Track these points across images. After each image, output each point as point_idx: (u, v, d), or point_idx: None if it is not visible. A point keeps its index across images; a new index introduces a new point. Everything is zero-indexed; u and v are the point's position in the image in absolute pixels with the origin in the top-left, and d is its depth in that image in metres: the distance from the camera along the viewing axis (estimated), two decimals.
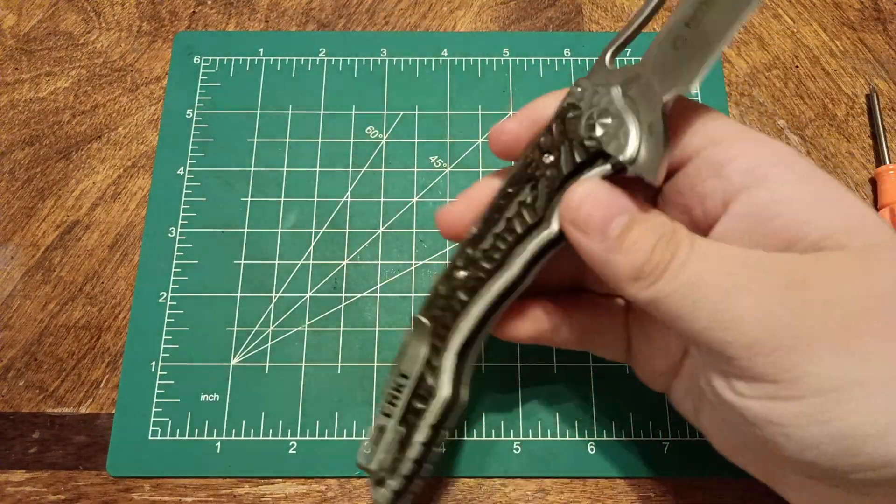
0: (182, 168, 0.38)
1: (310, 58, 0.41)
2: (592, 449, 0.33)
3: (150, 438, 0.33)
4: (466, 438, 0.33)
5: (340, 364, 0.34)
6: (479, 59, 0.41)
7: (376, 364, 0.34)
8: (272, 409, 0.34)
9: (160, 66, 0.41)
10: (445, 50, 0.41)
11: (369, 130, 0.39)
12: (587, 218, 0.22)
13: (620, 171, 0.23)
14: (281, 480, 0.33)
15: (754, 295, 0.19)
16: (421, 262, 0.36)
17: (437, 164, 0.38)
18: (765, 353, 0.19)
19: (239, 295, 0.36)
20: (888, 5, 0.42)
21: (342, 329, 0.35)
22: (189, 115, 0.39)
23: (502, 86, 0.40)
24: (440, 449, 0.27)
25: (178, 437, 0.33)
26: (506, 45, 0.41)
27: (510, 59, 0.41)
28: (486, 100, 0.40)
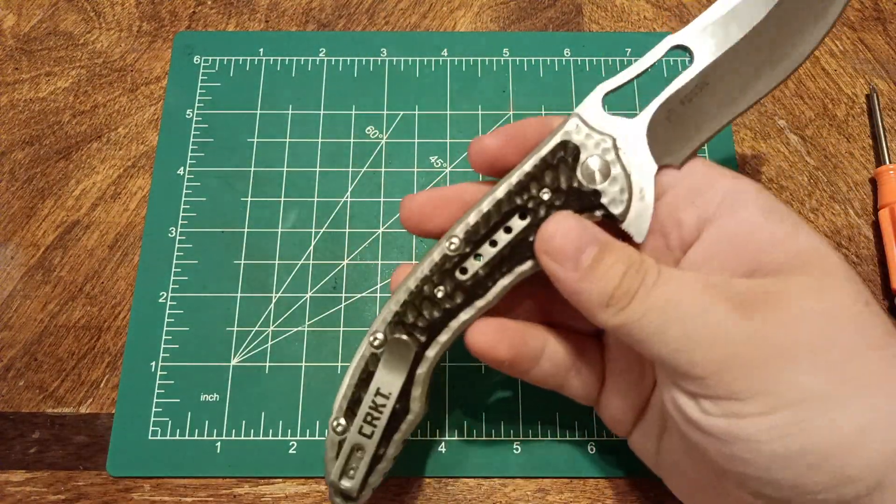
0: (182, 168, 0.38)
1: (310, 58, 0.41)
2: (592, 449, 0.33)
3: (150, 438, 0.33)
4: (466, 438, 0.33)
5: (340, 364, 0.34)
6: (479, 59, 0.41)
7: None
8: (272, 409, 0.34)
9: (160, 66, 0.41)
10: (445, 50, 0.41)
11: (369, 130, 0.39)
12: (560, 248, 0.23)
13: (610, 219, 0.25)
14: (281, 480, 0.33)
15: (719, 316, 0.21)
16: None
17: (437, 164, 0.38)
18: (731, 372, 0.20)
19: (239, 295, 0.36)
20: (888, 5, 0.42)
21: (342, 329, 0.35)
22: (189, 115, 0.39)
23: (502, 86, 0.40)
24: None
25: (178, 437, 0.33)
26: (506, 45, 0.41)
27: (510, 59, 0.41)
28: (486, 100, 0.40)
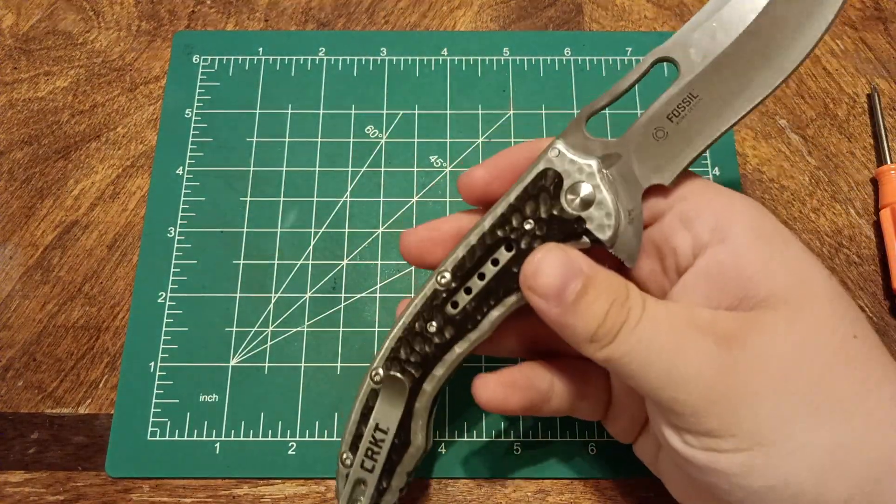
0: (181, 168, 0.38)
1: (309, 57, 0.41)
2: (593, 450, 0.33)
3: (149, 439, 0.33)
4: (466, 439, 0.33)
5: (340, 364, 0.34)
6: (479, 59, 0.41)
7: None
8: (271, 410, 0.34)
9: (159, 66, 0.41)
10: (445, 49, 0.41)
11: (369, 130, 0.39)
12: (544, 285, 0.23)
13: (598, 245, 0.24)
14: (280, 481, 0.32)
15: (698, 357, 0.21)
16: None
17: (437, 164, 0.38)
18: (708, 412, 0.21)
19: (238, 295, 0.36)
20: (889, 5, 0.42)
21: (342, 329, 0.35)
22: (188, 115, 0.39)
23: (502, 85, 0.40)
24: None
25: (177, 438, 0.33)
26: (506, 45, 0.41)
27: (510, 59, 0.41)
28: (486, 99, 0.40)
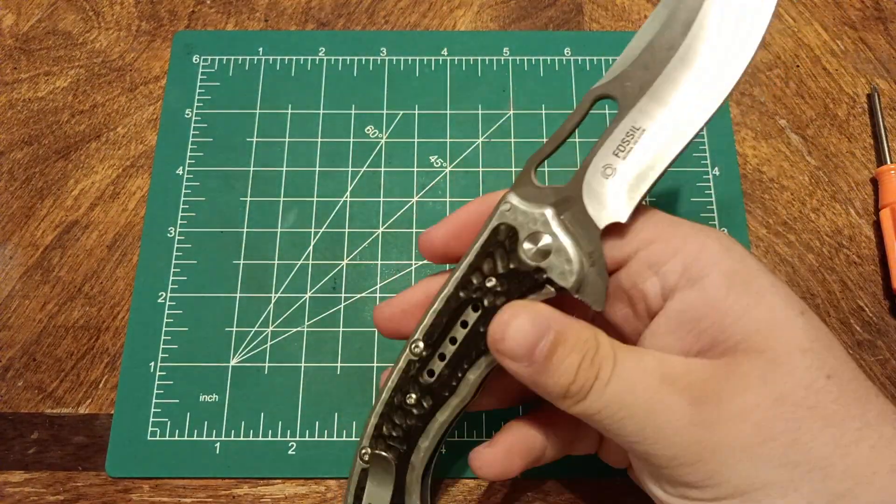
0: (181, 168, 0.38)
1: (309, 57, 0.41)
2: None
3: (149, 439, 0.33)
4: (467, 439, 0.33)
5: (340, 364, 0.34)
6: (479, 59, 0.41)
7: (376, 364, 0.34)
8: (271, 410, 0.34)
9: (159, 66, 0.41)
10: (445, 49, 0.41)
11: (369, 130, 0.39)
12: (512, 347, 0.23)
13: (563, 292, 0.24)
14: (280, 481, 0.32)
15: (672, 415, 0.21)
16: (421, 262, 0.36)
17: (437, 164, 0.38)
18: (685, 465, 0.21)
19: (238, 295, 0.36)
20: (889, 5, 0.42)
21: (341, 329, 0.35)
22: (188, 115, 0.39)
23: (502, 85, 0.40)
24: None
25: (177, 438, 0.33)
26: (506, 45, 0.41)
27: (510, 59, 0.41)
28: (486, 99, 0.40)
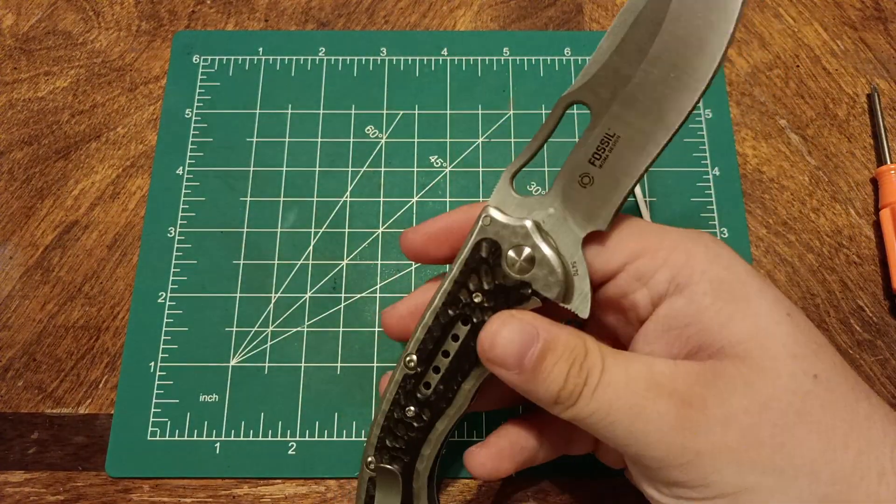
0: (181, 168, 0.38)
1: (309, 57, 0.41)
2: None
3: (149, 439, 0.33)
4: (466, 439, 0.33)
5: (340, 364, 0.34)
6: (479, 59, 0.41)
7: (376, 364, 0.34)
8: (271, 410, 0.34)
9: (159, 66, 0.41)
10: (445, 49, 0.41)
11: (369, 130, 0.39)
12: (501, 357, 0.23)
13: (549, 303, 0.24)
14: (280, 481, 0.32)
15: (659, 419, 0.22)
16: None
17: (437, 164, 0.38)
18: (675, 466, 0.22)
19: (238, 295, 0.36)
20: (889, 5, 0.42)
21: (341, 329, 0.35)
22: (188, 115, 0.39)
23: (502, 85, 0.40)
24: None
25: (178, 438, 0.33)
26: (506, 45, 0.41)
27: (510, 59, 0.41)
28: (486, 99, 0.40)
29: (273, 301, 0.35)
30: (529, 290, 0.24)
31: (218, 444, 0.33)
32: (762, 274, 0.30)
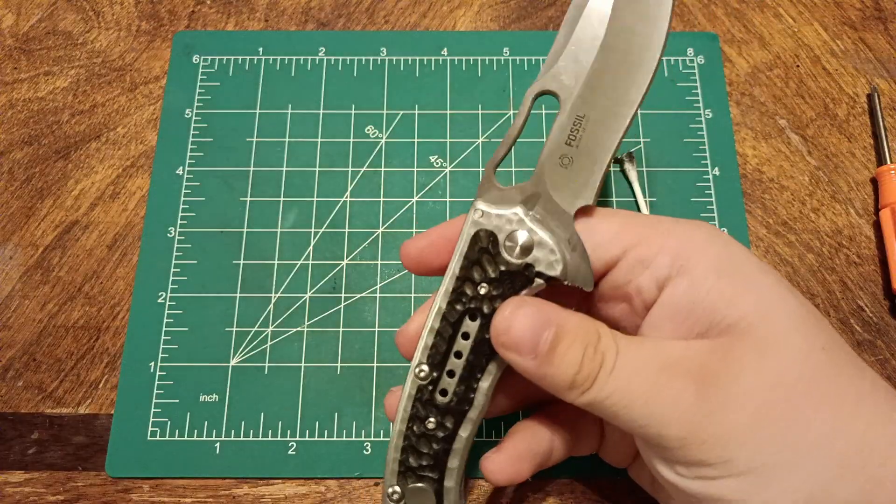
0: (181, 168, 0.38)
1: (309, 57, 0.41)
2: None
3: (150, 439, 0.33)
4: None
5: (340, 364, 0.34)
6: (479, 59, 0.41)
7: (376, 364, 0.34)
8: (271, 410, 0.34)
9: (159, 66, 0.41)
10: (445, 49, 0.41)
11: (369, 130, 0.39)
12: (515, 341, 0.23)
13: (553, 282, 0.25)
14: (280, 481, 0.32)
15: (676, 398, 0.22)
16: None
17: (437, 164, 0.38)
18: (695, 445, 0.22)
19: (238, 295, 0.36)
20: (889, 5, 0.42)
21: (342, 329, 0.35)
22: (188, 115, 0.39)
23: (502, 85, 0.40)
24: None
25: (178, 438, 0.33)
26: (506, 45, 0.41)
27: (510, 59, 0.41)
28: (486, 99, 0.40)
29: (273, 301, 0.36)
30: (534, 272, 0.24)
31: (218, 444, 0.33)
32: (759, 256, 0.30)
